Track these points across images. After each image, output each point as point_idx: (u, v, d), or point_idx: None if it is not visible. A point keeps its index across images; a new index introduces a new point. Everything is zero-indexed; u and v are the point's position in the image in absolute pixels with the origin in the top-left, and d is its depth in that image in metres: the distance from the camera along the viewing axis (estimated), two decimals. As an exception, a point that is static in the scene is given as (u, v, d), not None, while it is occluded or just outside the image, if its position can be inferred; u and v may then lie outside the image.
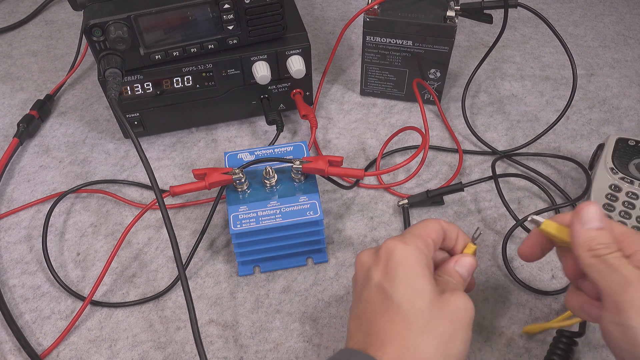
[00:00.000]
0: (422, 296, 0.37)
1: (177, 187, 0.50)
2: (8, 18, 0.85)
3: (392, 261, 0.38)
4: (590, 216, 0.38)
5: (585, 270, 0.37)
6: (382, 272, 0.39)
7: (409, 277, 0.38)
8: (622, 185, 0.53)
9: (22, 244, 0.56)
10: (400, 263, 0.38)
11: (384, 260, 0.39)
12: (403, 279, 0.38)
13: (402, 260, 0.38)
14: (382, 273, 0.39)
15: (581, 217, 0.38)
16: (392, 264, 0.38)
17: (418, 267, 0.38)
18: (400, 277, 0.38)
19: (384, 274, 0.39)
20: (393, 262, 0.38)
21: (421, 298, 0.37)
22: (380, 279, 0.38)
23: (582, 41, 0.79)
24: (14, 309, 0.51)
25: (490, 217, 0.57)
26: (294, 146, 0.54)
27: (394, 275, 0.38)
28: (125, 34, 0.52)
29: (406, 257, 0.38)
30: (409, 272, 0.38)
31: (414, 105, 0.69)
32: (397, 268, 0.38)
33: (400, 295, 0.37)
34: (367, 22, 0.61)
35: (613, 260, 0.36)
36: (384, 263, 0.39)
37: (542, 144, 0.64)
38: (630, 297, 0.34)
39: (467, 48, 0.78)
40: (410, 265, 0.38)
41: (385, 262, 0.39)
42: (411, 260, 0.38)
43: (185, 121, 0.65)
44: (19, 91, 0.73)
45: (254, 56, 0.59)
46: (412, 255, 0.39)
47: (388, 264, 0.39)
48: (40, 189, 0.61)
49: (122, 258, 0.55)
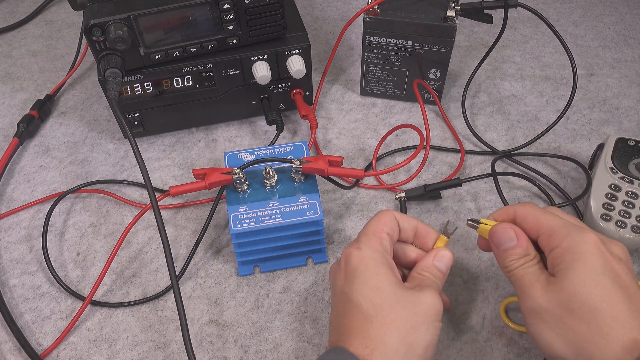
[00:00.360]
0: (379, 293, 0.39)
1: (177, 187, 0.50)
2: (8, 18, 0.85)
3: (349, 266, 0.42)
4: (504, 239, 0.42)
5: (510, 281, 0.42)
6: (343, 278, 0.42)
7: (365, 277, 0.40)
8: (622, 184, 0.53)
9: (22, 244, 0.56)
10: (356, 267, 0.41)
11: (344, 267, 0.42)
12: (360, 280, 0.40)
13: (358, 264, 0.41)
14: (343, 279, 0.42)
15: (495, 242, 0.43)
16: (349, 268, 0.41)
17: (372, 266, 0.41)
18: (357, 279, 0.40)
19: (344, 279, 0.42)
20: (350, 266, 0.41)
21: (378, 295, 0.39)
22: (342, 284, 0.42)
23: (582, 41, 0.79)
24: (14, 309, 0.51)
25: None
26: (294, 146, 0.54)
27: (352, 278, 0.41)
28: (125, 34, 0.52)
29: (361, 260, 0.41)
30: (365, 273, 0.40)
31: (414, 105, 0.69)
32: (354, 272, 0.41)
33: (359, 295, 0.40)
34: (367, 22, 0.61)
35: (518, 272, 0.40)
36: (344, 270, 0.42)
37: (542, 144, 0.64)
38: (525, 303, 0.39)
39: (467, 48, 0.78)
40: (365, 267, 0.41)
41: (344, 269, 0.42)
42: (365, 261, 0.41)
43: (185, 121, 0.65)
44: (19, 91, 0.73)
45: (254, 56, 0.59)
46: (366, 256, 0.41)
47: (346, 269, 0.42)
48: (40, 189, 0.61)
49: (122, 258, 0.55)
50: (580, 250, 0.38)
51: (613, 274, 0.37)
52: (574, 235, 0.39)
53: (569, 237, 0.39)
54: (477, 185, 0.60)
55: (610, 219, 0.51)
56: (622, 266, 0.38)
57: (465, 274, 0.52)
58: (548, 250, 0.40)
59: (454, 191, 0.59)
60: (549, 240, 0.40)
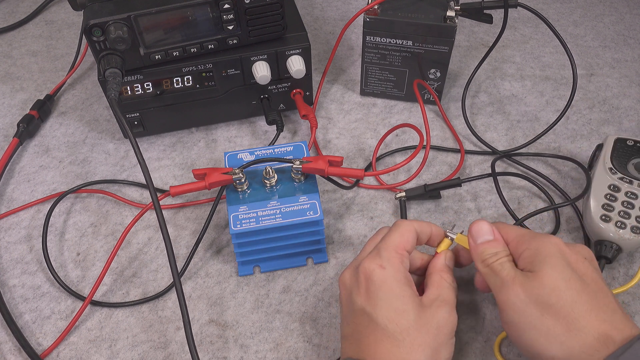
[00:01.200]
0: (405, 316, 0.39)
1: (177, 187, 0.50)
2: (8, 18, 0.85)
3: (372, 285, 0.41)
4: (481, 232, 0.43)
5: (483, 277, 0.42)
6: (364, 296, 0.41)
7: (390, 299, 0.40)
8: (621, 185, 0.53)
9: (22, 244, 0.56)
10: (379, 287, 0.40)
11: (364, 284, 0.41)
12: (385, 301, 0.40)
13: (381, 284, 0.40)
14: (364, 297, 0.41)
15: (473, 234, 0.44)
16: (372, 288, 0.41)
17: (397, 289, 0.40)
18: (381, 300, 0.40)
19: (365, 298, 0.41)
20: (373, 286, 0.40)
21: (405, 318, 0.39)
22: (363, 303, 0.41)
23: (582, 41, 0.79)
24: (14, 309, 0.51)
25: (491, 217, 0.57)
26: (294, 146, 0.54)
27: (376, 299, 0.40)
28: (125, 34, 0.52)
29: (384, 280, 0.41)
30: (389, 294, 0.40)
31: (414, 105, 0.69)
32: (377, 292, 0.40)
33: (385, 318, 0.39)
34: (367, 22, 0.61)
35: (496, 265, 0.41)
36: (365, 287, 0.41)
37: (542, 144, 0.64)
38: (504, 296, 0.40)
39: (467, 48, 0.78)
40: (389, 288, 0.40)
41: (365, 286, 0.41)
42: (389, 282, 0.40)
43: (185, 121, 0.65)
44: (19, 91, 0.73)
45: (254, 56, 0.59)
46: (390, 277, 0.41)
47: (368, 288, 0.41)
48: (40, 189, 0.61)
49: (122, 258, 0.55)
50: (548, 252, 0.40)
51: (580, 272, 0.39)
52: (540, 239, 0.41)
53: (536, 240, 0.41)
54: (477, 185, 0.60)
55: (610, 220, 0.51)
56: (588, 264, 0.40)
57: (466, 274, 0.52)
58: (517, 254, 0.42)
59: (454, 191, 0.59)
60: (517, 246, 0.42)
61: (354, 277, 0.43)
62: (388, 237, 0.43)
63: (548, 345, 0.38)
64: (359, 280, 0.42)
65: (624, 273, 0.52)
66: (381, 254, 0.42)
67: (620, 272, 0.52)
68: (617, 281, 0.51)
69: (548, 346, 0.38)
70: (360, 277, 0.42)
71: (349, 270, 0.44)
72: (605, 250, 0.50)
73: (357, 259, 0.44)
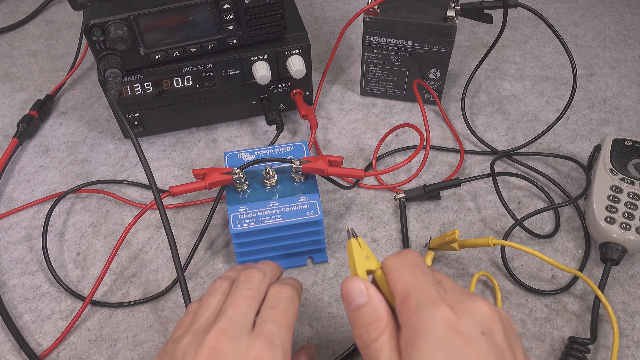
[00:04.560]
0: None
1: (177, 187, 0.50)
2: (8, 18, 0.85)
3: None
4: (352, 293, 0.33)
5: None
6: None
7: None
8: (623, 186, 0.53)
9: (22, 244, 0.56)
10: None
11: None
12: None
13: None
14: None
15: (344, 297, 0.34)
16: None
17: None
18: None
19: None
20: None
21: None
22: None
23: (582, 41, 0.79)
24: (14, 309, 0.51)
25: (490, 217, 0.57)
26: (294, 146, 0.54)
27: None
28: (125, 34, 0.52)
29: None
30: None
31: (414, 105, 0.69)
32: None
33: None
34: (367, 22, 0.61)
35: (372, 350, 0.32)
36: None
37: (542, 143, 0.64)
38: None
39: (467, 48, 0.78)
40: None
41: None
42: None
43: (185, 121, 0.65)
44: (19, 91, 0.73)
45: (254, 56, 0.59)
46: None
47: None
48: (40, 189, 0.61)
49: (122, 258, 0.55)
50: (426, 336, 0.30)
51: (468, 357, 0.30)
52: (422, 311, 0.31)
53: (418, 313, 0.31)
54: (476, 185, 0.60)
55: (614, 222, 0.50)
56: (485, 341, 0.30)
57: (464, 274, 0.52)
58: (401, 321, 0.32)
59: (453, 191, 0.59)
60: (400, 311, 0.32)
61: (232, 354, 0.32)
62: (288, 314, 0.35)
63: None
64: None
65: (624, 273, 0.52)
66: (275, 341, 0.33)
67: (621, 273, 0.52)
68: (618, 281, 0.52)
69: None
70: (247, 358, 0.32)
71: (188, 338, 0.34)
72: (611, 253, 0.50)
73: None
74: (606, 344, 0.47)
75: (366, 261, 0.36)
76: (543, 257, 0.46)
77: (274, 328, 0.34)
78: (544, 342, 0.48)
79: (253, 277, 0.37)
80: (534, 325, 0.49)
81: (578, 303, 0.50)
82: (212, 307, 0.36)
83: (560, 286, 0.51)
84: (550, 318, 0.49)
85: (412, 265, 0.34)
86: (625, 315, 0.49)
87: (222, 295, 0.37)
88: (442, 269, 0.53)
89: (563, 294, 0.51)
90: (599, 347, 0.47)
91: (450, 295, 0.32)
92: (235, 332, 0.33)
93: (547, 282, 0.52)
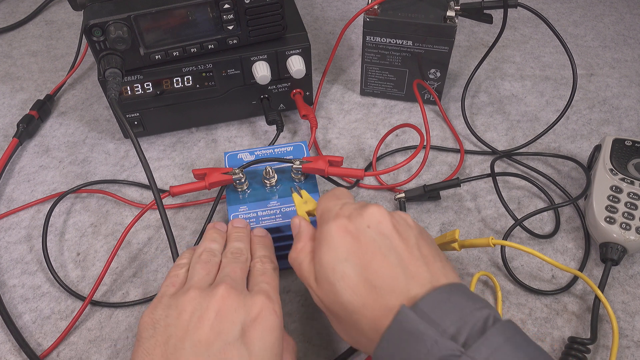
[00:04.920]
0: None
1: (177, 187, 0.50)
2: (8, 18, 0.85)
3: (260, 326, 0.38)
4: (292, 228, 0.44)
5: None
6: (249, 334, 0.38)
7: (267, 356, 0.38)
8: (623, 186, 0.53)
9: (22, 244, 0.56)
10: (266, 335, 0.38)
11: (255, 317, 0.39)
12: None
13: (270, 332, 0.38)
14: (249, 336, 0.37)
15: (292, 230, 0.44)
16: (258, 329, 0.38)
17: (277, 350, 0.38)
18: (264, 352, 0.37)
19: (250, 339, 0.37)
20: (261, 328, 0.38)
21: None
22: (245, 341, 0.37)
23: (582, 41, 0.79)
24: (14, 309, 0.51)
25: (490, 217, 0.57)
26: (293, 146, 0.54)
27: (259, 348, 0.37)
28: (125, 34, 0.52)
29: (273, 329, 0.38)
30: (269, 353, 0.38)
31: (414, 105, 0.69)
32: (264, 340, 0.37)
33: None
34: (367, 22, 0.61)
35: (301, 265, 0.41)
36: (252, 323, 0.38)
37: (542, 143, 0.64)
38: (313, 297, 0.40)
39: (467, 48, 0.78)
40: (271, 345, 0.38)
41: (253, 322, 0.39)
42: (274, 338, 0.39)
43: (185, 121, 0.65)
44: (19, 91, 0.73)
45: (254, 56, 0.59)
46: (278, 330, 0.39)
47: (255, 327, 0.38)
48: (40, 189, 0.61)
49: (122, 258, 0.55)
50: (325, 242, 0.38)
51: (359, 254, 0.37)
52: (323, 224, 0.39)
53: (321, 227, 0.40)
54: (476, 185, 0.60)
55: (615, 222, 0.50)
56: (371, 232, 0.37)
57: (465, 274, 0.52)
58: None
59: (453, 191, 0.59)
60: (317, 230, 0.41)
61: (242, 304, 0.37)
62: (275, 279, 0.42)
63: (352, 342, 0.39)
64: (249, 310, 0.37)
65: (624, 273, 0.52)
66: (272, 296, 0.39)
67: (621, 273, 0.52)
68: (618, 281, 0.52)
69: (353, 343, 0.39)
70: (254, 308, 0.37)
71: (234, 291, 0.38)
72: (611, 253, 0.50)
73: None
74: (606, 344, 0.47)
75: (304, 205, 0.47)
76: (543, 257, 0.46)
77: (269, 288, 0.40)
78: (544, 342, 0.48)
79: (243, 254, 0.43)
80: (534, 325, 0.49)
81: (578, 303, 0.50)
82: (203, 272, 0.40)
83: (560, 286, 0.51)
84: (550, 318, 0.49)
85: (329, 195, 0.43)
86: (625, 315, 0.49)
87: (215, 267, 0.42)
88: (442, 269, 0.53)
89: (563, 294, 0.51)
90: (599, 347, 0.47)
91: (348, 208, 0.40)
92: (240, 289, 0.38)
93: (547, 282, 0.52)
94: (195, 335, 0.35)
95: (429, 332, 0.32)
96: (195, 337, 0.35)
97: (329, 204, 0.42)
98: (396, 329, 0.33)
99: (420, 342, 0.32)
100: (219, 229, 0.47)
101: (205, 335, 0.35)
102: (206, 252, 0.43)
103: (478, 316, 0.33)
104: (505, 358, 0.31)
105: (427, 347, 0.31)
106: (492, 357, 0.31)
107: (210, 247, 0.44)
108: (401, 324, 0.33)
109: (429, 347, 0.31)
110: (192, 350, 0.34)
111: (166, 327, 0.36)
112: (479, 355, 0.31)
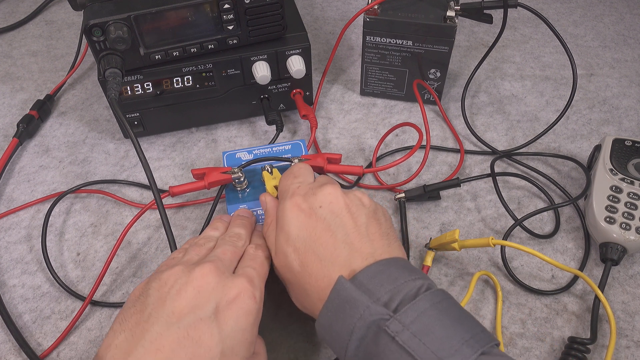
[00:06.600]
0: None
1: (177, 187, 0.50)
2: (8, 18, 0.85)
3: (235, 306, 0.40)
4: (261, 204, 0.48)
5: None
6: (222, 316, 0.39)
7: (238, 335, 0.39)
8: (623, 186, 0.53)
9: (22, 244, 0.56)
10: (241, 317, 0.39)
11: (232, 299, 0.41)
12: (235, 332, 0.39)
13: (246, 315, 0.39)
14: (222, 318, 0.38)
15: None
16: (233, 309, 0.40)
17: (249, 334, 0.39)
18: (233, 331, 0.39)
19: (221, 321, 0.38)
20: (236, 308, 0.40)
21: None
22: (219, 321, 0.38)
23: (582, 41, 0.79)
24: (14, 309, 0.51)
25: (490, 217, 0.57)
26: (292, 144, 0.54)
27: (229, 326, 0.38)
28: (125, 34, 0.52)
29: (249, 313, 0.39)
30: (243, 332, 0.39)
31: (414, 105, 0.69)
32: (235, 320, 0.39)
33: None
34: (367, 22, 0.61)
35: (267, 238, 0.45)
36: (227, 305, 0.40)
37: (542, 143, 0.64)
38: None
39: (467, 48, 0.78)
40: (243, 327, 0.39)
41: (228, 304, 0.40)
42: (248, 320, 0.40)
43: (185, 121, 0.65)
44: (19, 91, 0.73)
45: (254, 56, 0.59)
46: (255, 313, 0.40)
47: (230, 308, 0.39)
48: (40, 189, 0.61)
49: (121, 258, 0.55)
50: (281, 219, 0.42)
51: (309, 230, 0.40)
52: (281, 202, 0.43)
53: (279, 205, 0.43)
54: (476, 185, 0.60)
55: (614, 222, 0.50)
56: (322, 211, 0.40)
57: (464, 274, 0.52)
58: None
59: (453, 191, 0.59)
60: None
61: (220, 284, 0.38)
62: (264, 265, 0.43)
63: (303, 309, 0.41)
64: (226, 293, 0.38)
65: (624, 273, 0.52)
66: (255, 281, 0.39)
67: (621, 273, 0.52)
68: (617, 281, 0.52)
69: (304, 309, 0.41)
70: (232, 290, 0.38)
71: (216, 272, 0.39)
72: (611, 253, 0.50)
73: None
74: (606, 344, 0.47)
75: (273, 180, 0.49)
76: (543, 257, 0.46)
77: (254, 273, 0.40)
78: (544, 342, 0.48)
79: (240, 239, 0.44)
80: (534, 325, 0.49)
81: (578, 303, 0.50)
82: (193, 253, 0.42)
83: (560, 286, 0.51)
84: (550, 318, 0.49)
85: (288, 173, 0.46)
86: (625, 315, 0.49)
87: (207, 250, 0.43)
88: (442, 269, 0.53)
89: (563, 294, 0.51)
90: (599, 347, 0.47)
91: (304, 188, 0.43)
92: (223, 269, 0.39)
93: (547, 282, 0.52)
94: (171, 307, 0.36)
95: (362, 299, 0.35)
96: (170, 309, 0.36)
97: (286, 182, 0.45)
98: (334, 297, 0.36)
99: (354, 308, 0.35)
100: (224, 219, 0.48)
101: (179, 308, 0.36)
102: (204, 237, 0.45)
103: (411, 285, 0.36)
104: (430, 320, 0.34)
105: (360, 313, 0.35)
106: (418, 320, 0.34)
107: (209, 234, 0.45)
108: (339, 292, 0.36)
109: (361, 312, 0.35)
110: (164, 319, 0.35)
111: (147, 297, 0.37)
112: (405, 318, 0.34)
